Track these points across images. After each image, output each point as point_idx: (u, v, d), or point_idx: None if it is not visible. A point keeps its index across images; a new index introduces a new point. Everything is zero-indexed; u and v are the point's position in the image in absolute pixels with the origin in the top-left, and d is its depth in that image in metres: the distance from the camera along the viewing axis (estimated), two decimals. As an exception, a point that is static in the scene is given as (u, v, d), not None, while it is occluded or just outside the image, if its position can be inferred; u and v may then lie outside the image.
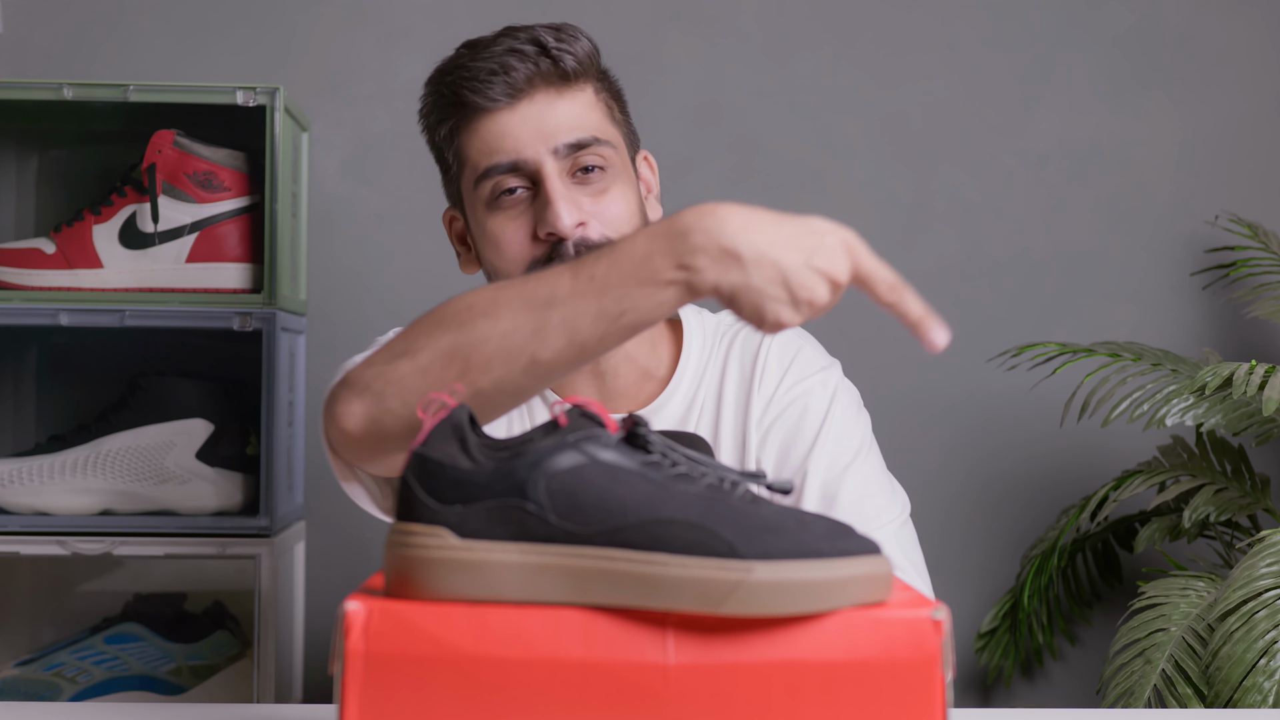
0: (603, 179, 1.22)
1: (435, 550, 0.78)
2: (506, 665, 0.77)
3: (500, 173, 1.21)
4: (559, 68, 1.21)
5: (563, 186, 1.20)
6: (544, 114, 1.21)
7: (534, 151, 1.20)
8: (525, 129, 1.21)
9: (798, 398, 1.26)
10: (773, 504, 0.79)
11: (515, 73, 1.21)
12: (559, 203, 1.18)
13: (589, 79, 1.25)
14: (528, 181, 1.21)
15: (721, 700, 0.77)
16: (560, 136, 1.21)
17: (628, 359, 1.28)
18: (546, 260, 1.19)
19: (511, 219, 1.22)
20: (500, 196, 1.22)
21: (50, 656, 1.71)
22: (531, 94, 1.21)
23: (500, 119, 1.21)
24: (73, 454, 1.70)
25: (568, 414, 0.81)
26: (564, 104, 1.22)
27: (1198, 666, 1.57)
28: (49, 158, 1.91)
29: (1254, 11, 2.02)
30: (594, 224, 1.20)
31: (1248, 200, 2.00)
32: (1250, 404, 1.74)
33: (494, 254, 1.24)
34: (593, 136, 1.22)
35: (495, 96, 1.21)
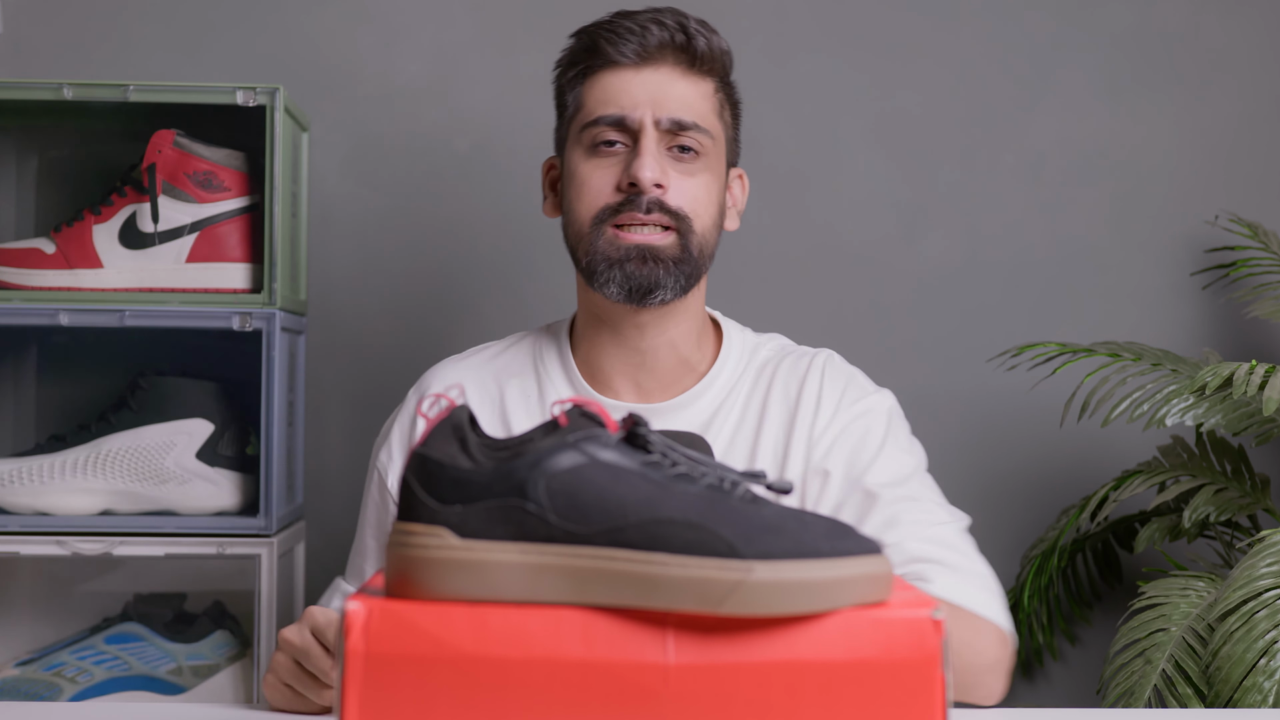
0: (694, 162, 1.30)
1: (435, 550, 0.78)
2: (507, 665, 0.77)
3: (606, 124, 1.29)
4: (691, 47, 1.30)
5: (656, 147, 1.28)
6: (663, 85, 1.30)
7: (641, 113, 1.29)
8: (642, 92, 1.29)
9: (859, 415, 1.34)
10: (773, 504, 0.79)
11: (650, 37, 1.29)
12: (647, 155, 1.27)
13: (714, 75, 1.34)
14: (628, 139, 1.30)
15: (721, 700, 0.77)
16: (669, 110, 1.29)
17: (670, 345, 1.35)
18: (617, 210, 1.28)
19: (602, 167, 1.30)
20: (599, 145, 1.30)
21: (50, 656, 1.71)
22: (658, 63, 1.30)
23: (624, 75, 1.30)
24: (73, 454, 1.69)
25: (568, 414, 0.81)
26: (684, 84, 1.31)
27: (1198, 666, 1.57)
28: (49, 158, 1.91)
29: (1253, 11, 2.02)
30: (673, 192, 1.29)
31: (1247, 200, 2.00)
32: (1250, 404, 1.74)
33: (575, 195, 1.32)
34: (695, 122, 1.30)
35: (626, 54, 1.29)
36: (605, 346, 1.36)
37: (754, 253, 1.94)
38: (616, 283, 1.29)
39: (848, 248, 1.99)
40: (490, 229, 1.98)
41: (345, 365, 1.96)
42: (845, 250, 1.99)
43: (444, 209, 1.98)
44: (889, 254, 2.00)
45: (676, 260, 1.29)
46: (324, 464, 1.95)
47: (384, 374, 1.95)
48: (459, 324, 1.96)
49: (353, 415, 1.95)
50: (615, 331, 1.34)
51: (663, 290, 1.29)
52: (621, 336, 1.34)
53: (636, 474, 0.78)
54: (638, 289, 1.29)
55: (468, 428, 0.81)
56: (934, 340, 1.99)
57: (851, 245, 2.00)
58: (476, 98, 1.98)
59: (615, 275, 1.28)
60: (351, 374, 1.96)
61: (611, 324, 1.34)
